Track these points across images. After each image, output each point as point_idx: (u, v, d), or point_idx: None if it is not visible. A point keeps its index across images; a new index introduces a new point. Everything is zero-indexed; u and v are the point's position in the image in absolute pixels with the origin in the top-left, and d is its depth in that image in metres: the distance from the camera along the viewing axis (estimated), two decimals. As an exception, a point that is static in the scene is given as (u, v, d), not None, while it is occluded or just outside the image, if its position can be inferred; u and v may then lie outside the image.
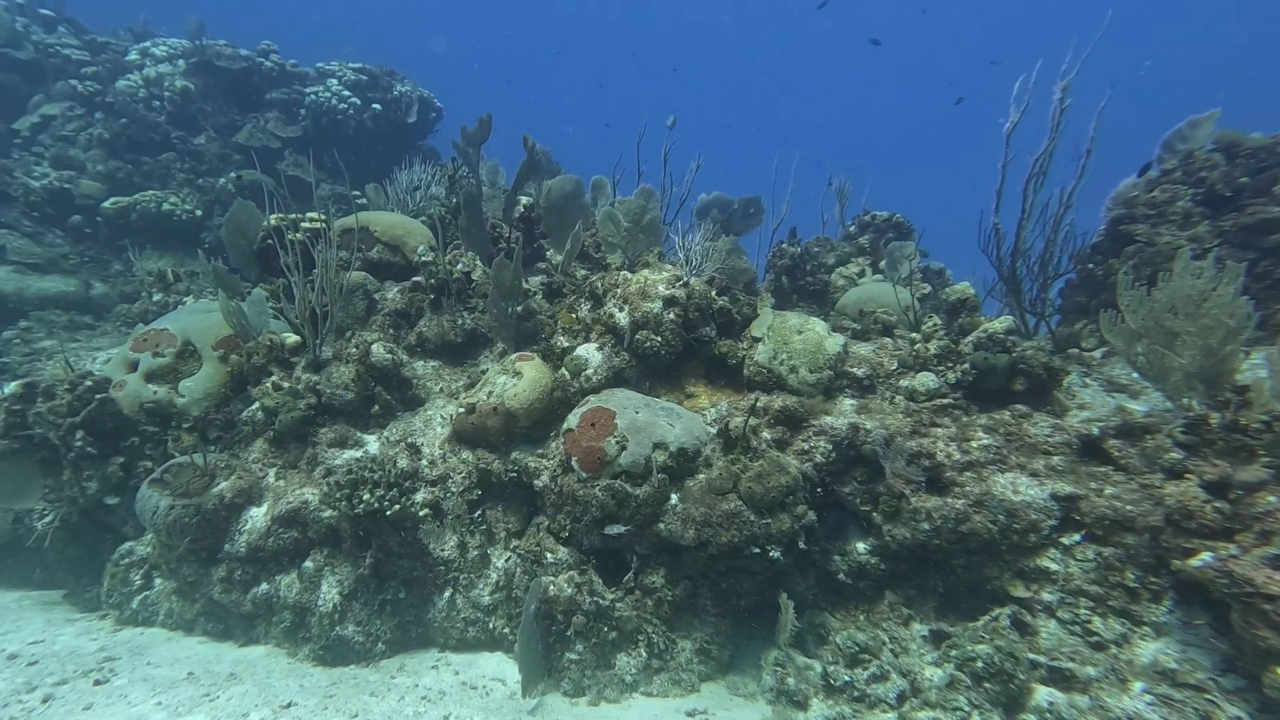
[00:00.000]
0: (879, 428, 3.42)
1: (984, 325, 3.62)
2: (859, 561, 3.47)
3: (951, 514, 3.23)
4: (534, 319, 4.73)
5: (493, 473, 4.05)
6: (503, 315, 4.54)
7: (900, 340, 4.09)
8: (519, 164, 5.45)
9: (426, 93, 12.28)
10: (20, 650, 3.69)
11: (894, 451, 3.26)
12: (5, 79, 10.44)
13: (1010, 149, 3.97)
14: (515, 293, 4.56)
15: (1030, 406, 3.52)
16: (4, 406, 3.98)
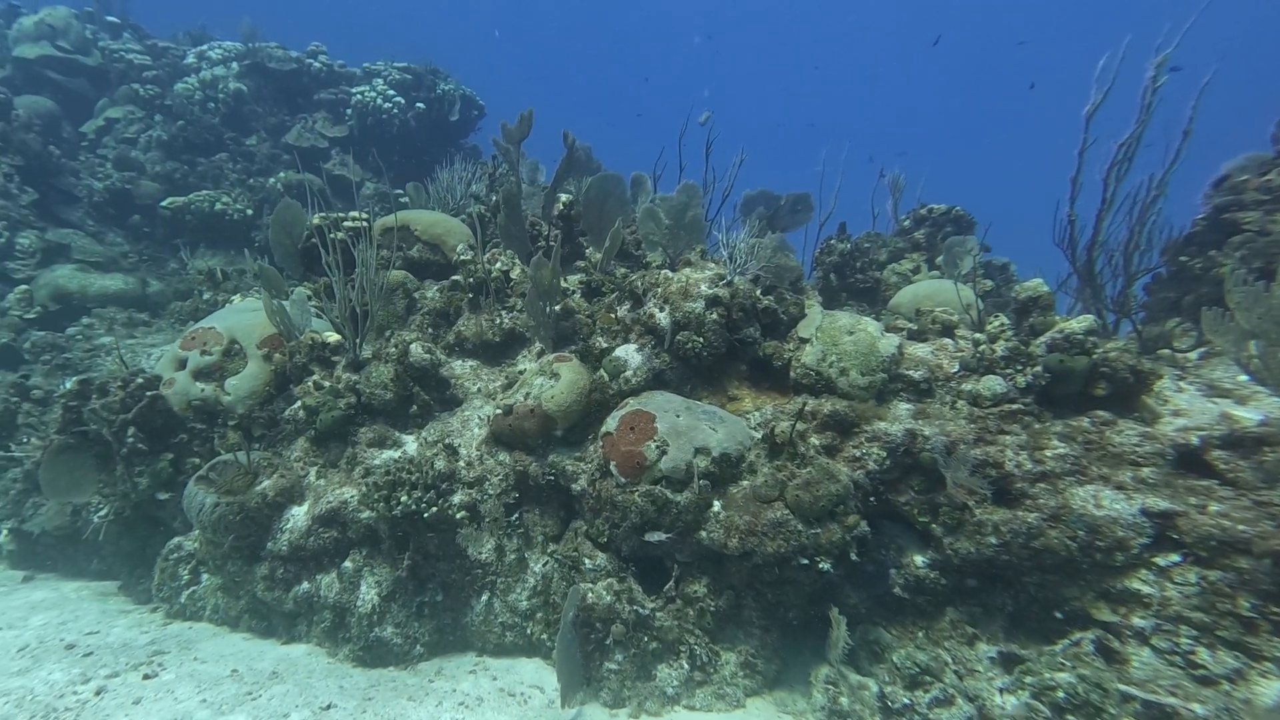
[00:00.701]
0: (939, 434, 3.19)
1: (1059, 325, 3.33)
2: (916, 575, 3.25)
3: (1022, 528, 2.98)
4: (572, 319, 4.62)
5: (530, 475, 3.96)
6: (540, 315, 4.44)
7: (962, 341, 3.82)
8: (559, 161, 5.33)
9: (469, 91, 12.33)
10: (77, 641, 3.79)
11: (956, 460, 3.02)
12: (74, 84, 10.90)
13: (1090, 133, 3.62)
14: (553, 292, 4.45)
15: (1114, 413, 3.21)
16: (61, 403, 4.09)
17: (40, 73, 10.61)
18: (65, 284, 6.92)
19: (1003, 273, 5.43)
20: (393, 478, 3.84)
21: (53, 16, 11.00)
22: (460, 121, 12.12)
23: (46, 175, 8.29)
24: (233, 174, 10.15)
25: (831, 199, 5.32)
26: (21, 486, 4.61)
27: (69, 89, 10.76)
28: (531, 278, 4.37)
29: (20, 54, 10.54)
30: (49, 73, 10.68)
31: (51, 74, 10.71)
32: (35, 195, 7.90)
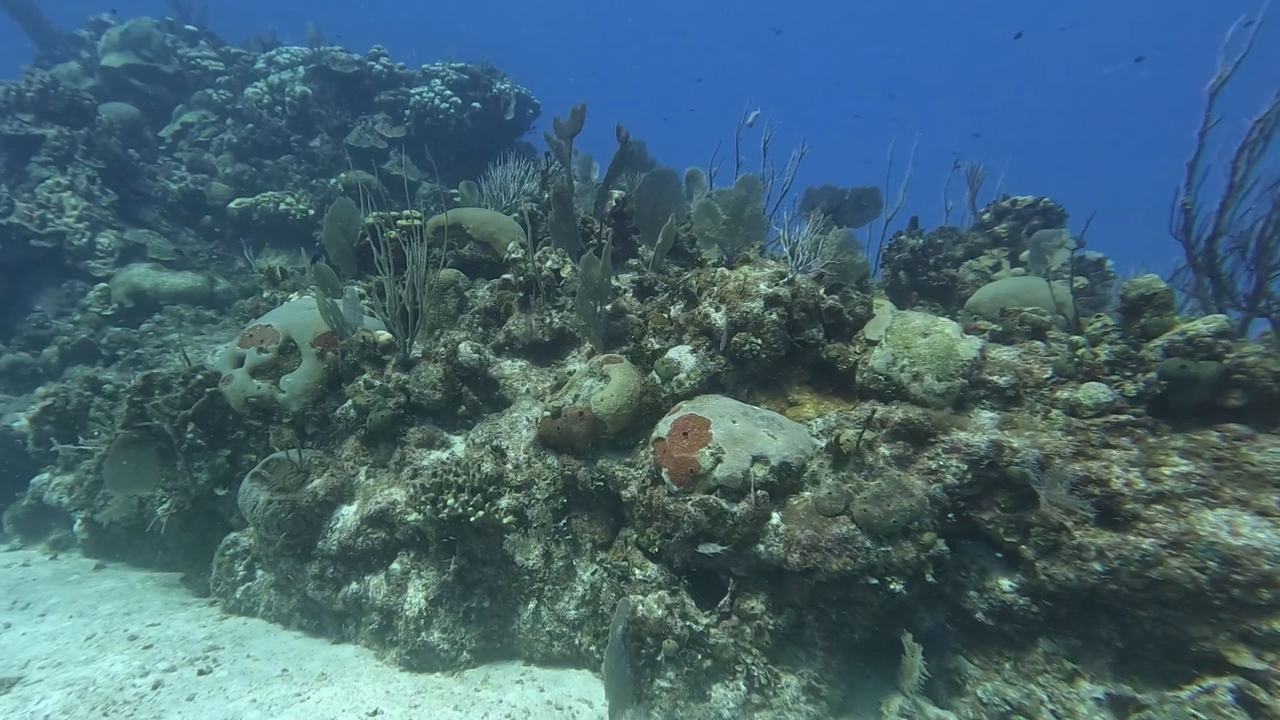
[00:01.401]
0: (1030, 447, 2.84)
1: (1181, 326, 2.92)
2: (1002, 600, 2.91)
3: (1135, 555, 2.62)
4: (623, 318, 4.45)
5: (578, 480, 3.81)
6: (591, 314, 4.28)
7: (1056, 344, 3.43)
8: (612, 157, 5.14)
9: (524, 90, 12.35)
10: (139, 632, 3.87)
11: (1051, 476, 2.68)
12: (154, 91, 11.47)
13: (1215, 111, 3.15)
14: (604, 291, 4.29)
15: (1252, 427, 2.79)
16: (126, 398, 4.18)
17: (124, 80, 11.21)
18: (140, 282, 7.22)
19: (1097, 269, 4.92)
20: (439, 480, 3.76)
21: (136, 27, 11.59)
22: (515, 120, 12.15)
23: (126, 178, 8.70)
24: (296, 175, 10.44)
25: (900, 193, 4.91)
26: (94, 478, 4.78)
27: (149, 95, 11.33)
28: (581, 276, 4.22)
29: (107, 63, 11.15)
30: (132, 80, 11.27)
31: (134, 81, 11.30)
32: (115, 197, 8.29)
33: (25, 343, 6.62)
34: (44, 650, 3.63)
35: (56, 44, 12.38)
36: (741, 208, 4.20)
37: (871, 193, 5.26)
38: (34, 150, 8.20)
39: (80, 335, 6.51)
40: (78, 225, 7.76)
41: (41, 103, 8.41)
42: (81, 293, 7.28)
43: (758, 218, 4.23)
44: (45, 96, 8.45)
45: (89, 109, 9.11)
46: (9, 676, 3.37)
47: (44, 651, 3.62)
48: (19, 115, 8.21)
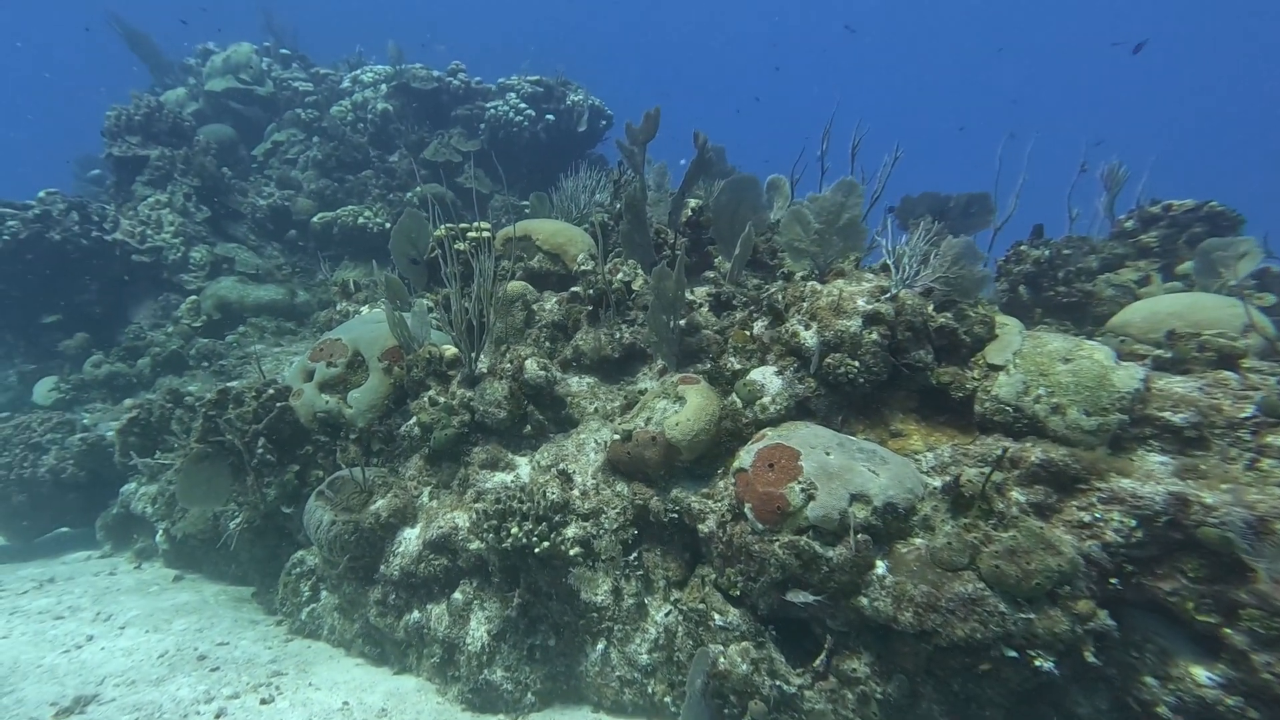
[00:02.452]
0: (1234, 504, 2.27)
1: None
2: (1200, 696, 2.33)
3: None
4: (699, 334, 4.10)
5: (650, 511, 3.48)
6: (663, 329, 3.96)
7: (1256, 375, 2.78)
8: (688, 164, 4.79)
9: (598, 101, 12.28)
10: (208, 652, 3.83)
11: (1275, 547, 2.11)
12: (249, 112, 12.11)
13: None
14: (677, 304, 3.96)
15: None
16: (202, 412, 4.19)
17: (225, 103, 11.90)
18: (227, 294, 7.48)
19: (1285, 283, 4.10)
20: (503, 506, 3.53)
21: (237, 53, 12.30)
22: (588, 132, 12.08)
23: (219, 194, 9.13)
24: (375, 189, 10.70)
25: (1011, 200, 4.26)
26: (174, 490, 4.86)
27: (246, 116, 11.97)
28: (654, 288, 3.91)
29: (210, 88, 11.87)
30: (231, 103, 11.95)
31: (233, 104, 11.97)
32: (208, 213, 8.69)
33: (123, 353, 6.97)
34: (120, 667, 3.63)
35: (168, 72, 13.32)
36: (837, 215, 3.76)
37: (981, 199, 4.64)
38: (139, 170, 8.71)
39: (171, 346, 6.78)
40: (174, 240, 8.16)
41: (147, 125, 8.95)
42: (174, 305, 7.63)
43: (855, 226, 3.77)
44: (150, 119, 8.98)
45: (189, 130, 9.64)
46: (86, 694, 3.37)
47: (120, 668, 3.62)
48: (128, 138, 8.76)
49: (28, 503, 5.28)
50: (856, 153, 4.84)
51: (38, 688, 3.40)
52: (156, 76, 13.37)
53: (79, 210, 7.63)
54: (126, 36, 13.13)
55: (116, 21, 12.89)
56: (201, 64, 12.74)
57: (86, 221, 7.65)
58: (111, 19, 12.90)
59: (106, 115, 8.83)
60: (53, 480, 5.34)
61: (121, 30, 13.01)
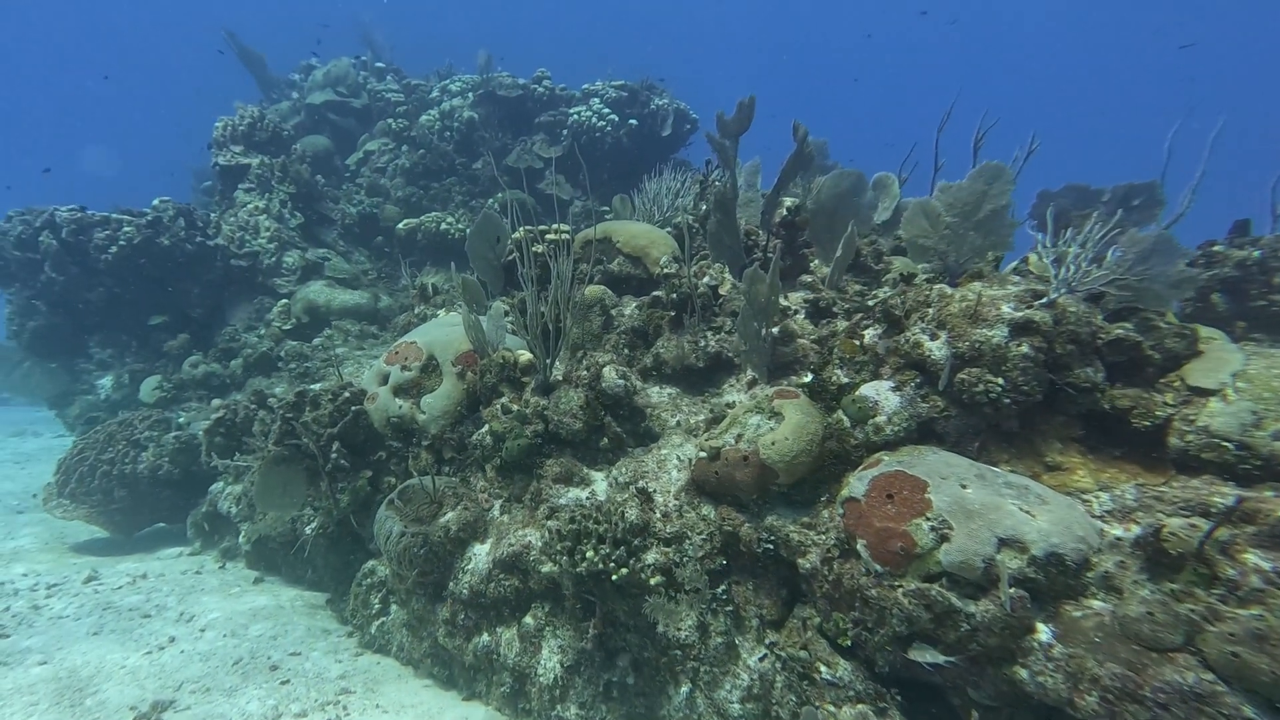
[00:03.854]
0: None
1: None
2: None
3: None
4: (793, 344, 3.67)
5: (741, 539, 3.08)
6: (754, 338, 3.56)
7: None
8: (784, 160, 4.34)
9: (683, 105, 12.01)
10: (281, 662, 3.75)
11: None
12: (345, 123, 12.62)
13: None
14: (770, 311, 3.55)
15: None
16: (279, 414, 4.15)
17: (323, 115, 12.46)
18: (315, 298, 7.66)
19: None
20: (577, 527, 3.24)
21: (336, 67, 12.87)
22: (672, 136, 11.81)
23: (312, 201, 9.46)
24: (458, 195, 10.82)
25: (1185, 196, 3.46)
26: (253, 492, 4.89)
27: (342, 127, 12.48)
28: (745, 293, 3.52)
29: (310, 100, 12.46)
30: (329, 114, 12.49)
31: (331, 115, 12.52)
32: (301, 219, 9.00)
33: (219, 354, 7.26)
34: (196, 673, 3.59)
35: (274, 88, 14.14)
36: (976, 206, 3.22)
37: (1147, 189, 3.86)
38: (241, 178, 9.15)
39: (262, 348, 6.99)
40: (269, 245, 8.49)
41: (249, 135, 9.40)
42: (268, 308, 7.90)
43: (999, 219, 3.20)
44: (253, 129, 9.43)
45: (288, 139, 10.06)
46: (163, 699, 3.33)
47: (196, 674, 3.58)
48: (232, 147, 9.23)
49: (128, 498, 5.50)
50: (980, 147, 4.23)
51: (120, 690, 3.39)
52: (265, 92, 14.20)
53: (186, 217, 8.05)
54: (241, 55, 14.04)
55: (232, 40, 13.81)
56: (304, 79, 13.42)
57: (192, 227, 8.07)
58: (229, 39, 13.83)
59: (215, 126, 9.35)
60: (150, 477, 5.54)
61: (237, 49, 13.92)
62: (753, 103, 3.99)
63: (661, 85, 12.12)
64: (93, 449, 5.53)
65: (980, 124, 4.19)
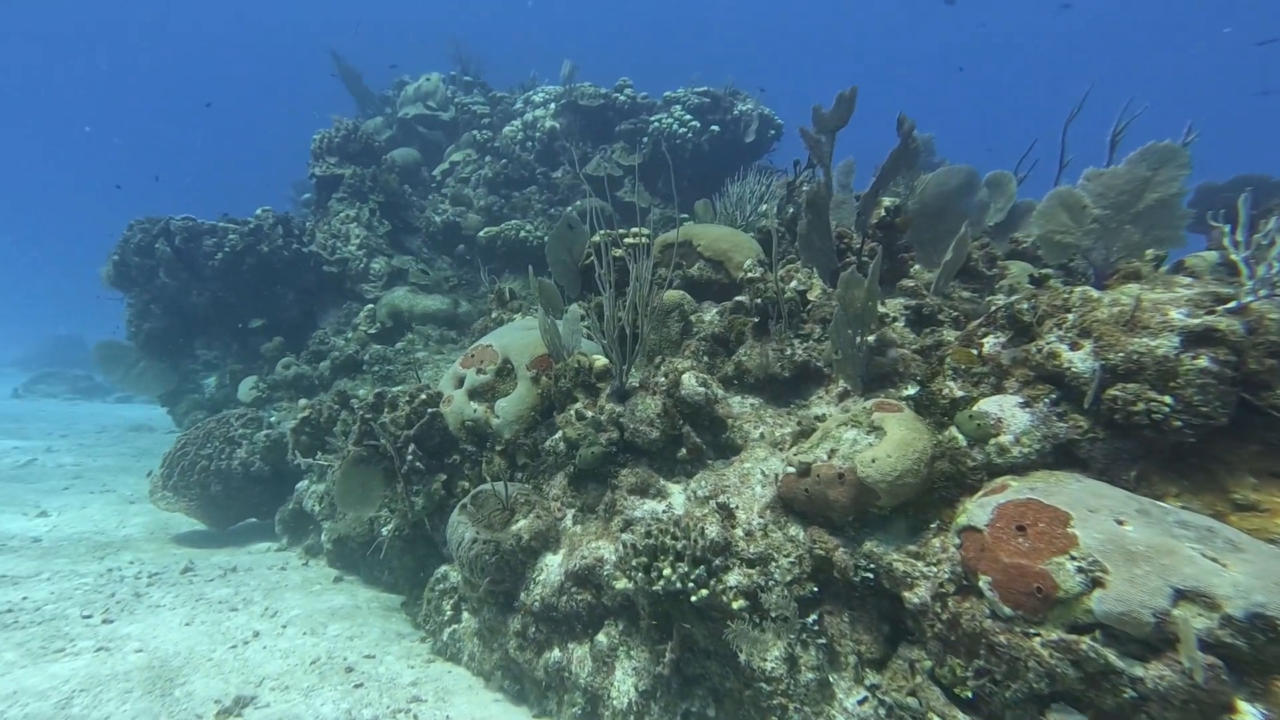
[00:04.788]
0: None
1: None
2: None
3: None
4: (891, 353, 3.34)
5: (834, 564, 2.78)
6: (848, 346, 3.26)
7: None
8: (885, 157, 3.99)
9: (768, 110, 11.70)
10: (355, 664, 3.74)
11: None
12: (433, 136, 13.10)
13: None
14: (867, 317, 3.24)
15: None
16: (359, 415, 4.18)
17: (413, 128, 12.99)
18: (399, 303, 7.88)
19: None
20: (654, 542, 3.04)
21: (427, 83, 13.38)
22: (755, 142, 11.51)
23: (399, 210, 9.80)
24: (538, 204, 10.94)
25: None
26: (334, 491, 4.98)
27: (430, 140, 12.97)
28: (840, 298, 3.22)
29: (402, 115, 13.03)
30: (419, 128, 13.02)
31: (420, 128, 13.04)
32: (389, 227, 9.34)
33: (309, 357, 7.58)
34: (277, 669, 3.63)
35: (370, 104, 14.90)
36: (1136, 196, 2.78)
37: None
38: (335, 188, 9.60)
39: (348, 351, 7.23)
40: (357, 252, 8.83)
41: (344, 146, 9.85)
42: (355, 312, 8.19)
43: (1169, 211, 2.74)
44: (347, 140, 9.88)
45: (379, 150, 10.50)
46: (245, 694, 3.37)
47: (276, 670, 3.62)
48: (327, 158, 9.70)
49: (223, 492, 5.76)
50: (1119, 141, 3.74)
51: (205, 682, 3.46)
52: (361, 108, 14.98)
53: (284, 225, 8.51)
54: (341, 72, 14.90)
55: (335, 59, 14.67)
56: (396, 95, 14.03)
57: (289, 235, 8.51)
58: (333, 58, 14.72)
59: (313, 139, 9.87)
60: (243, 473, 5.79)
61: (338, 67, 14.78)
62: (854, 95, 3.68)
63: (746, 92, 11.84)
64: (193, 444, 5.85)
65: (1121, 114, 3.70)
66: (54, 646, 3.70)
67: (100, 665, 3.51)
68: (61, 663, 3.53)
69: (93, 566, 4.92)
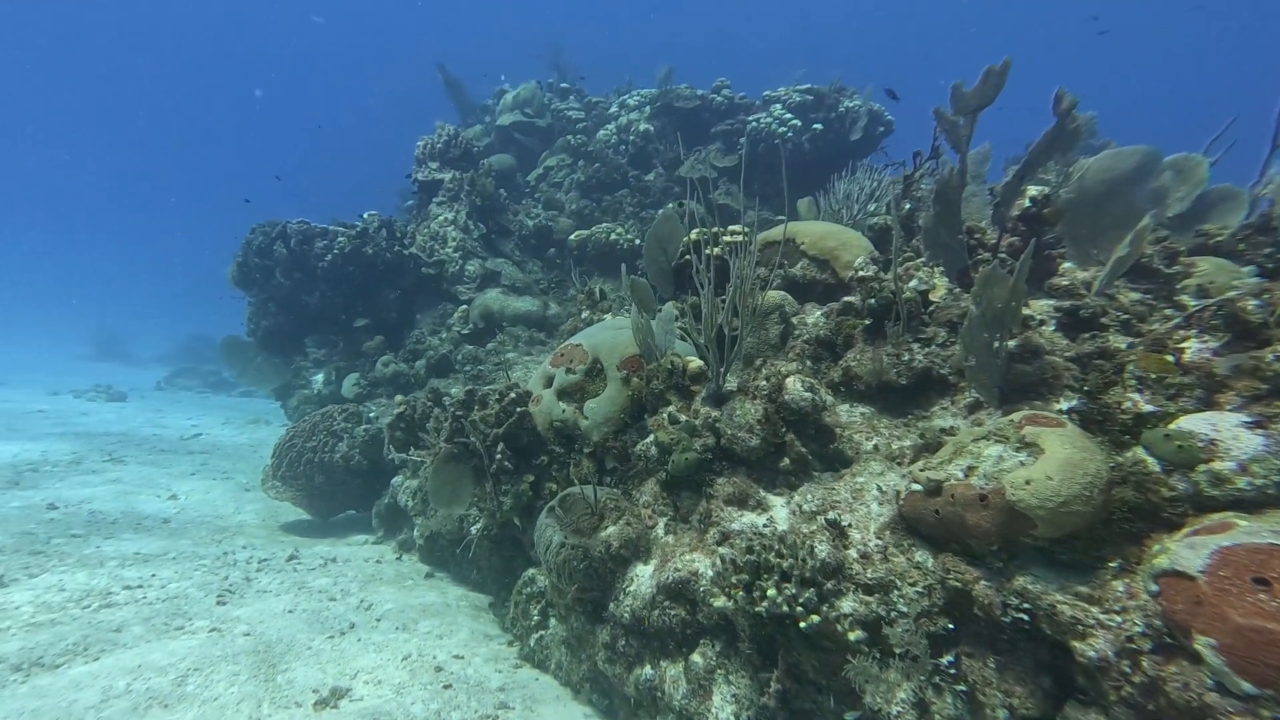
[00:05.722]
0: None
1: None
2: None
3: None
4: (1038, 361, 2.91)
5: (976, 600, 2.40)
6: (984, 351, 2.85)
7: None
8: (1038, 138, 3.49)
9: (877, 106, 11.11)
10: (445, 664, 3.70)
11: None
12: (529, 142, 13.39)
13: None
14: (1009, 320, 2.83)
15: None
16: (450, 412, 4.17)
17: (510, 135, 13.33)
18: (491, 304, 8.00)
19: None
20: (756, 559, 2.79)
21: (525, 90, 13.70)
22: (862, 140, 10.93)
23: (493, 214, 10.02)
24: (629, 207, 10.88)
25: None
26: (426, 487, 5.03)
27: (526, 146, 13.26)
28: (978, 297, 2.83)
29: (500, 123, 13.40)
30: (515, 134, 13.35)
31: (516, 135, 13.37)
32: (483, 230, 9.54)
33: (407, 355, 7.83)
34: (370, 663, 3.65)
35: (471, 113, 15.49)
36: None
37: None
38: (436, 192, 9.94)
39: (442, 351, 7.40)
40: (454, 255, 9.08)
41: (445, 151, 10.19)
42: (449, 313, 8.40)
43: None
44: (448, 146, 10.22)
45: (477, 156, 10.80)
46: (341, 686, 3.40)
47: (370, 664, 3.63)
48: (429, 164, 10.07)
49: (326, 484, 5.99)
50: None
51: (305, 670, 3.51)
52: (462, 117, 15.59)
53: (387, 228, 8.88)
54: (446, 83, 15.59)
55: (440, 70, 15.38)
56: (496, 103, 14.45)
57: (392, 238, 8.87)
58: (438, 68, 15.45)
59: (417, 145, 10.28)
60: (344, 466, 6.00)
61: (444, 78, 15.47)
62: (1005, 70, 3.22)
63: (853, 89, 11.27)
64: (300, 437, 6.13)
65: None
66: (174, 624, 3.90)
67: (212, 646, 3.64)
68: (180, 640, 3.70)
69: (211, 550, 5.21)
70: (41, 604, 4.02)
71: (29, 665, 3.34)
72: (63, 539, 5.16)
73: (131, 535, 5.45)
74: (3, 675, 3.24)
